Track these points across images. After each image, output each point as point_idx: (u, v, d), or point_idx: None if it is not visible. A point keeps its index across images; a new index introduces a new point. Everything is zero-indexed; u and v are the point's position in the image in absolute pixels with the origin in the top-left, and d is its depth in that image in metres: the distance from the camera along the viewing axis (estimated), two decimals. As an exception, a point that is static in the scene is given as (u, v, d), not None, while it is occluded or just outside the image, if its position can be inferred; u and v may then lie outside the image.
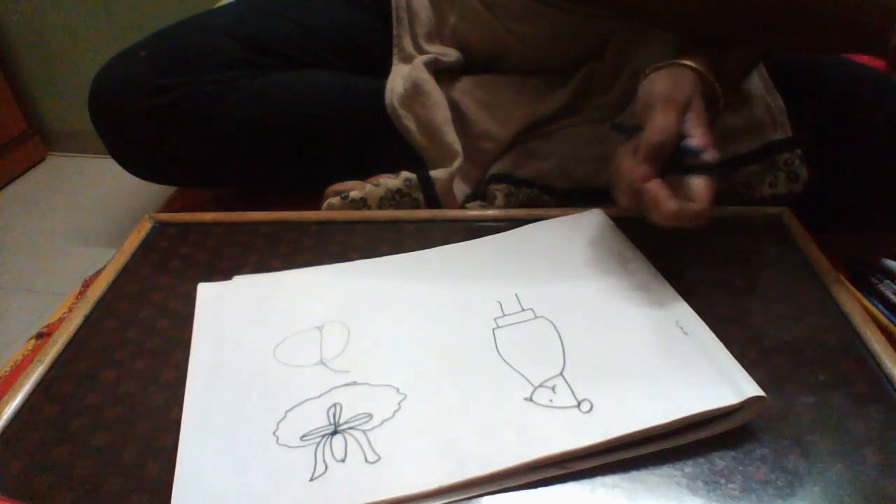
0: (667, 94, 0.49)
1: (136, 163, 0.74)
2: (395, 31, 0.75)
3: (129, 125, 0.70)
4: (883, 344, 0.47)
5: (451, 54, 0.75)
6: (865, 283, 0.60)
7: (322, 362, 0.47)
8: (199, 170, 0.74)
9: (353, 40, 0.78)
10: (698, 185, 0.46)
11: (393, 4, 0.76)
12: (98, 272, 0.59)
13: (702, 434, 0.40)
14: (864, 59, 0.68)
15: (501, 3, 0.73)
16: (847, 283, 0.57)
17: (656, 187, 0.45)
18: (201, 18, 0.76)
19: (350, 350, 0.48)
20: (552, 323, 0.48)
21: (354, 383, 0.45)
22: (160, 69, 0.69)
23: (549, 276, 0.53)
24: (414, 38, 0.76)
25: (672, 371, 0.43)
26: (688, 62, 0.53)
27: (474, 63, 0.77)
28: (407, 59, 0.74)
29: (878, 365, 0.46)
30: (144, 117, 0.68)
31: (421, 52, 0.75)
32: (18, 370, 0.51)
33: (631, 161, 0.48)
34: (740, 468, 0.39)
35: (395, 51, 0.76)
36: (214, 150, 0.71)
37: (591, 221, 0.59)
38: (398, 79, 0.72)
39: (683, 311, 0.48)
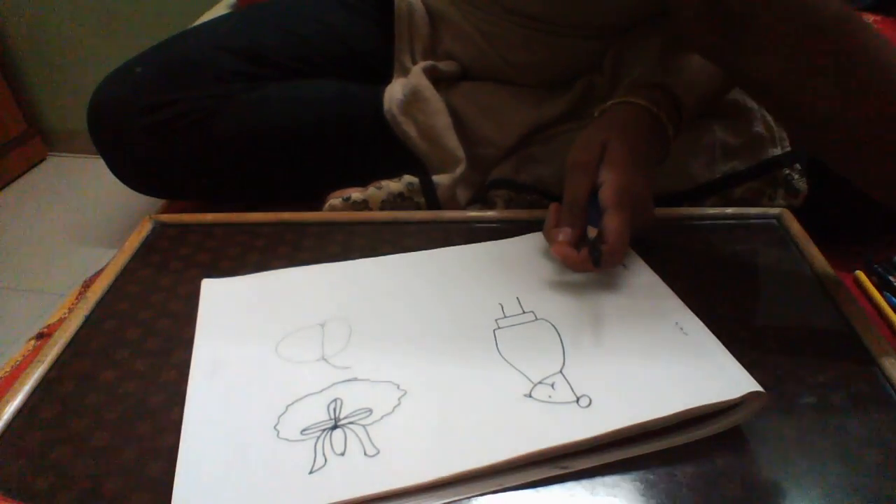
0: (573, 160, 0.54)
1: (137, 179, 0.74)
2: (396, 45, 0.75)
3: (128, 143, 0.69)
4: (883, 344, 0.47)
5: (449, 65, 0.75)
6: (884, 280, 0.60)
7: (323, 358, 0.47)
8: (199, 184, 0.73)
9: (351, 47, 0.77)
10: (608, 228, 0.49)
11: (396, 16, 0.75)
12: (98, 272, 0.59)
13: (701, 433, 0.41)
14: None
15: (499, 33, 0.72)
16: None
17: (562, 249, 0.51)
18: (196, 31, 0.76)
19: (351, 347, 0.48)
20: (553, 325, 0.49)
21: (355, 379, 0.45)
22: (157, 86, 0.68)
23: (551, 281, 0.53)
24: (412, 54, 0.75)
25: (672, 368, 0.43)
26: (632, 99, 0.56)
27: (471, 75, 0.77)
28: (406, 74, 0.74)
29: (878, 365, 0.46)
30: (143, 135, 0.68)
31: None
32: (18, 370, 0.51)
33: (551, 221, 0.54)
34: (740, 468, 0.39)
35: (395, 65, 0.75)
36: (214, 164, 0.71)
37: None
38: (397, 86, 0.71)
39: (683, 313, 0.48)
